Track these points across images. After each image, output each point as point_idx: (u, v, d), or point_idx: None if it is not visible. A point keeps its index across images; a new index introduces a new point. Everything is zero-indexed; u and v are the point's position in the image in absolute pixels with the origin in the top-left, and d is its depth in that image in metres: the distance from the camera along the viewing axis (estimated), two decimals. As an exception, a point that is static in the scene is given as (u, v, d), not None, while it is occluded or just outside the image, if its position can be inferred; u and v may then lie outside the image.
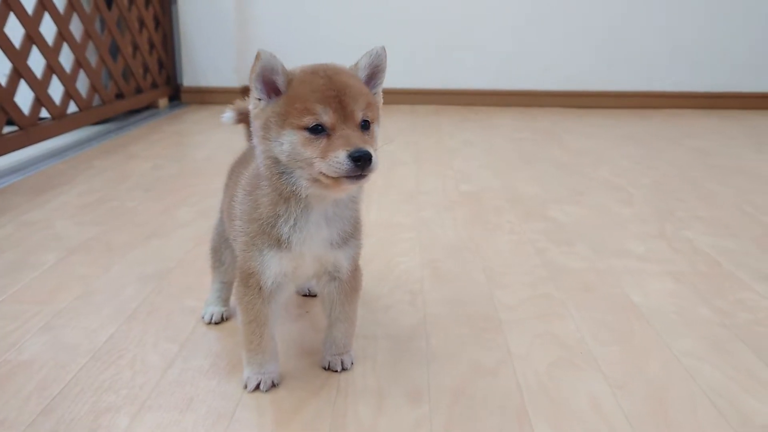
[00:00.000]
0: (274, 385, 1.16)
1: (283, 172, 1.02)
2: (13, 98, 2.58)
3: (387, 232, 1.93)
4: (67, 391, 1.14)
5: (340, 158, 0.94)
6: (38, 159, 2.79)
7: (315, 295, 1.52)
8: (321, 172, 0.97)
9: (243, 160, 1.30)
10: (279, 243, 1.06)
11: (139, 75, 3.77)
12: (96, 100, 3.35)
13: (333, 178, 0.96)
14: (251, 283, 1.10)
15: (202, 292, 1.50)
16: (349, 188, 1.01)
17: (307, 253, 1.08)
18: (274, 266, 1.07)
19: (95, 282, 1.58)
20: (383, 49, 1.06)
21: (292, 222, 1.05)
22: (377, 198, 2.27)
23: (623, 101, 4.27)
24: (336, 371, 1.21)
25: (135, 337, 1.33)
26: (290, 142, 0.98)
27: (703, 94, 4.24)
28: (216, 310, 1.39)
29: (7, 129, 2.60)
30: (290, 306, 1.48)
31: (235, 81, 4.20)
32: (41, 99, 2.80)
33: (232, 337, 1.34)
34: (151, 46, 3.96)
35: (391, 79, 3.98)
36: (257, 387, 1.15)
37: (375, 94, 1.07)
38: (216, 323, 1.39)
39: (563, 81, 4.28)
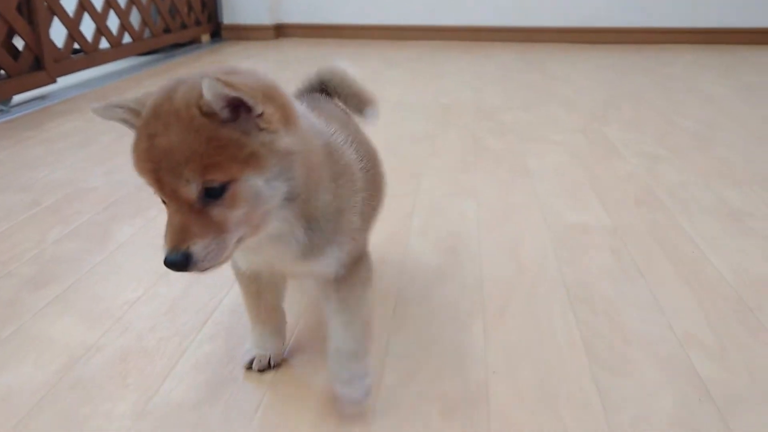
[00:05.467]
0: (270, 366, 1.08)
1: None
2: (78, 27, 3.19)
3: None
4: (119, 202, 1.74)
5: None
6: (99, 79, 3.42)
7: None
8: None
9: None
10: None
11: (184, 12, 4.34)
12: (146, 33, 3.94)
13: None
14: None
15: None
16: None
17: (271, 263, 0.95)
18: (242, 263, 1.00)
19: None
20: (222, 85, 0.72)
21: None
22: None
23: (623, 36, 4.60)
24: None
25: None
26: None
27: (698, 30, 4.52)
28: None
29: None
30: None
31: (268, 19, 4.74)
32: (101, 29, 3.41)
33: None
34: (195, -13, 4.52)
35: (413, 17, 4.52)
36: (250, 365, 1.08)
37: (263, 124, 0.77)
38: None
39: (569, 18, 4.64)
